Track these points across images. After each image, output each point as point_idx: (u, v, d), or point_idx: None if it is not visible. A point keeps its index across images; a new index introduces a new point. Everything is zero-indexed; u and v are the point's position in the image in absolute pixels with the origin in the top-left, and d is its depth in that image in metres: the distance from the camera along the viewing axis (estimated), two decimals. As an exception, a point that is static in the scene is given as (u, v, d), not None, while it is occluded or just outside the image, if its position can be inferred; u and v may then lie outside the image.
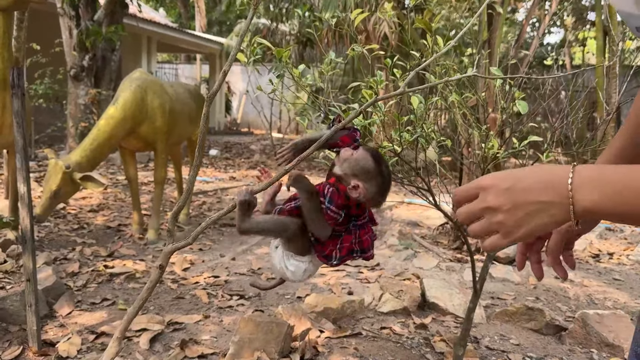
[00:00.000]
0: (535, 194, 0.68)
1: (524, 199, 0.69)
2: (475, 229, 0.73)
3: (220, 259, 3.95)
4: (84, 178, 3.41)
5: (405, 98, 1.82)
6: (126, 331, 1.26)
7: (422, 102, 1.65)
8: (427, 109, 1.64)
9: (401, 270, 3.67)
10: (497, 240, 0.72)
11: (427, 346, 2.52)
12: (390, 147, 1.59)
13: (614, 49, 5.82)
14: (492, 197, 0.70)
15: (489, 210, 0.71)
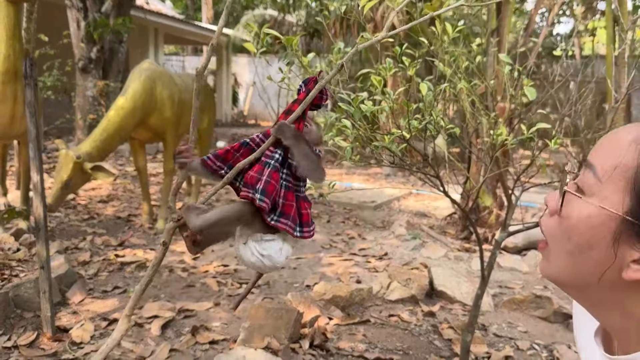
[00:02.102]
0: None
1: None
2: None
3: (229, 249, 3.98)
4: (95, 168, 3.44)
5: (414, 86, 1.82)
6: (134, 309, 1.29)
7: (430, 90, 1.66)
8: (436, 96, 1.65)
9: (409, 260, 3.69)
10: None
11: (435, 333, 2.54)
12: (399, 134, 1.60)
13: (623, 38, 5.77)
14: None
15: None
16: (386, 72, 1.65)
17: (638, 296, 0.71)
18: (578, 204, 0.73)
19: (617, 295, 0.73)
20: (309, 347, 2.32)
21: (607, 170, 0.72)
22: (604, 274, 0.71)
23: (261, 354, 2.06)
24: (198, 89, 1.22)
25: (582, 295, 0.78)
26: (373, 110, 1.54)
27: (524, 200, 4.39)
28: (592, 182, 0.73)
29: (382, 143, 1.62)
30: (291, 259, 3.77)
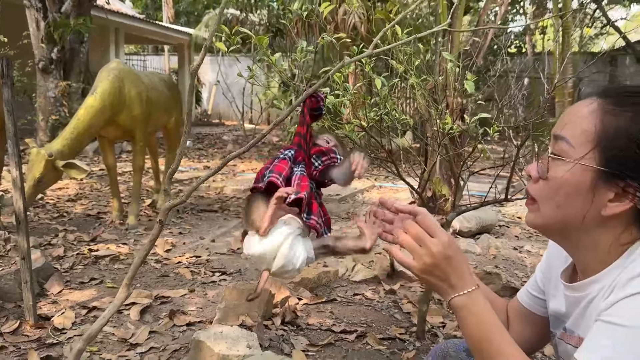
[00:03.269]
0: (450, 273, 0.97)
1: (444, 269, 0.96)
2: (409, 244, 0.99)
3: (200, 241, 4.13)
4: (67, 165, 3.54)
5: (371, 82, 2.03)
6: (132, 279, 1.45)
7: (385, 85, 1.87)
8: (390, 90, 1.87)
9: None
10: (409, 262, 0.99)
11: (396, 308, 2.77)
12: (358, 123, 1.81)
13: (567, 37, 6.17)
14: (437, 249, 0.96)
15: (429, 250, 0.96)
16: (346, 69, 1.85)
17: (608, 231, 0.96)
18: (560, 166, 0.98)
19: (593, 232, 0.97)
20: (281, 324, 2.51)
21: (576, 137, 0.97)
22: (587, 214, 0.95)
23: (237, 329, 2.24)
24: (192, 87, 1.39)
25: (565, 237, 1.02)
26: (335, 103, 1.74)
27: (475, 190, 4.68)
28: (567, 148, 0.98)
29: (343, 132, 1.82)
30: (260, 248, 3.95)
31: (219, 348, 2.09)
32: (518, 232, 4.57)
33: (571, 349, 1.06)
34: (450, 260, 0.96)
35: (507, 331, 0.97)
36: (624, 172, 0.91)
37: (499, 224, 4.71)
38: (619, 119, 0.93)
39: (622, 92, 0.97)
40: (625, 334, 0.85)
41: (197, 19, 20.53)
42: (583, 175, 0.95)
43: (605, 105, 0.95)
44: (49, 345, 2.32)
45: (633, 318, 0.85)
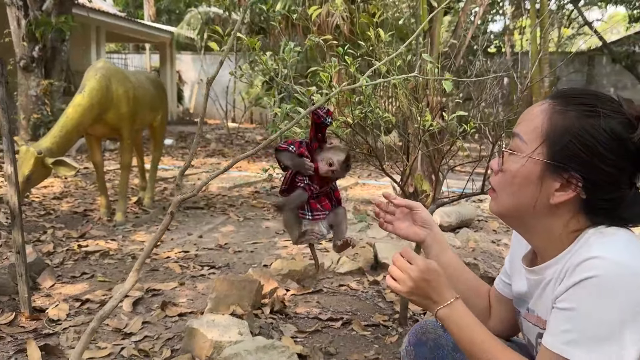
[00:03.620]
0: (430, 293, 1.13)
1: (424, 289, 1.13)
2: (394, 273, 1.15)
3: (188, 237, 4.21)
4: (57, 163, 3.59)
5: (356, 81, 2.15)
6: (142, 264, 1.55)
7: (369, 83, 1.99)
8: (374, 88, 1.98)
9: (356, 240, 4.04)
10: (397, 287, 1.15)
11: (379, 297, 2.90)
12: (344, 119, 1.93)
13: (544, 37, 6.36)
14: (415, 275, 1.13)
15: (409, 276, 1.13)
16: (332, 69, 1.97)
17: (558, 218, 1.09)
18: (514, 160, 1.12)
19: (545, 219, 1.10)
20: (270, 313, 2.62)
21: (528, 133, 1.11)
22: (536, 203, 1.09)
23: (228, 318, 2.34)
24: (207, 94, 1.48)
25: (521, 223, 1.16)
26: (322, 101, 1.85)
27: (454, 187, 4.83)
28: (520, 144, 1.13)
29: (330, 128, 1.94)
30: (248, 243, 4.05)
31: (212, 335, 2.19)
32: (496, 227, 4.74)
33: (532, 327, 1.19)
34: (429, 281, 1.12)
35: (488, 332, 1.12)
36: (568, 165, 1.04)
37: (477, 219, 4.88)
38: (565, 117, 1.05)
39: (568, 94, 1.10)
40: (578, 317, 0.98)
41: (179, 17, 20.46)
42: (533, 167, 1.08)
43: (554, 106, 1.08)
44: (45, 336, 2.40)
45: (581, 303, 0.98)
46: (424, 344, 1.37)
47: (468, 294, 1.38)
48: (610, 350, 0.96)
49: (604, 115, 1.03)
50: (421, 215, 1.40)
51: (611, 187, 1.04)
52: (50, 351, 2.22)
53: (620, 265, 0.97)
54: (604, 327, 0.96)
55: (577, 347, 0.97)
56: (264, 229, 4.51)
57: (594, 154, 1.02)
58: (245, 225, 4.66)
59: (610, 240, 1.02)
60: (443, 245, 1.40)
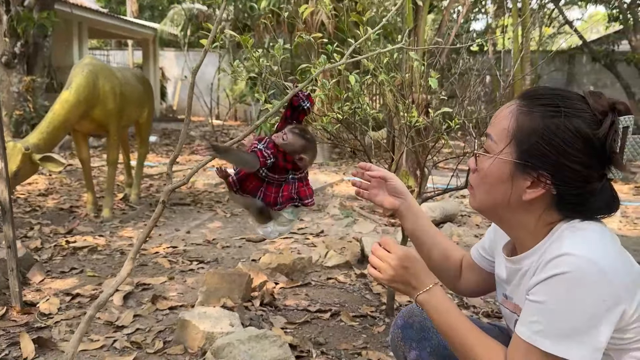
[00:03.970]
0: (409, 279, 1.19)
1: (403, 276, 1.19)
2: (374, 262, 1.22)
3: (176, 233, 4.24)
4: (44, 159, 3.60)
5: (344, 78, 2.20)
6: (137, 253, 1.59)
7: (357, 81, 2.05)
8: (362, 85, 2.04)
9: (343, 235, 4.11)
10: (378, 275, 1.21)
11: (367, 290, 2.97)
12: (334, 115, 1.98)
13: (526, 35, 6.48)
14: (395, 263, 1.19)
15: (388, 264, 1.19)
16: (322, 66, 2.02)
17: (531, 213, 1.15)
18: (486, 160, 1.19)
19: (519, 214, 1.17)
20: (260, 305, 2.67)
21: (498, 134, 1.18)
22: (510, 199, 1.15)
23: (219, 310, 2.39)
24: (193, 84, 1.52)
25: (498, 217, 1.23)
26: (316, 96, 1.91)
27: (438, 183, 4.92)
28: (491, 144, 1.19)
29: (320, 123, 2.00)
30: (236, 238, 4.09)
31: (204, 326, 2.24)
32: (479, 221, 4.84)
33: (510, 314, 1.27)
34: (407, 268, 1.18)
35: (465, 317, 1.19)
36: (536, 164, 1.09)
37: (460, 214, 4.98)
38: (530, 118, 1.10)
39: (534, 95, 1.15)
40: (548, 309, 1.04)
41: (162, 14, 20.32)
42: (503, 166, 1.14)
43: (520, 107, 1.13)
44: (37, 329, 2.42)
45: (552, 296, 1.04)
46: (411, 326, 1.44)
47: (441, 258, 1.47)
48: (577, 342, 1.01)
49: (567, 114, 1.07)
50: (394, 186, 1.47)
51: (580, 182, 1.09)
52: (43, 344, 2.25)
53: (589, 262, 1.01)
54: (571, 321, 1.02)
55: (545, 337, 1.03)
56: (251, 225, 4.55)
57: (560, 153, 1.07)
58: (232, 221, 4.70)
59: (581, 236, 1.07)
60: (417, 214, 1.47)
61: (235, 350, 1.97)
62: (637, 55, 12.70)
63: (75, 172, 6.72)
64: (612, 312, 1.01)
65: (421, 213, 1.49)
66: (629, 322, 1.05)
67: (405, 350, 1.44)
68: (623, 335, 1.06)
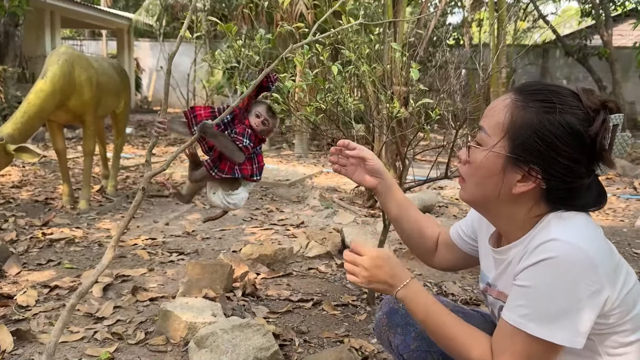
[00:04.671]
0: (385, 277, 1.21)
1: (378, 276, 1.21)
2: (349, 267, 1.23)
3: (154, 225, 4.20)
4: (19, 149, 3.52)
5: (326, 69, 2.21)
6: (118, 241, 1.58)
7: (341, 72, 2.06)
8: (344, 77, 2.06)
9: (323, 227, 4.13)
10: (355, 279, 1.23)
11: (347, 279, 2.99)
12: (318, 105, 1.99)
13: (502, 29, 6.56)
14: (368, 264, 1.20)
15: (362, 267, 1.21)
16: (303, 56, 2.03)
17: (521, 206, 1.17)
18: (479, 152, 1.20)
19: (509, 206, 1.18)
20: (242, 296, 2.67)
21: (492, 128, 1.19)
22: (500, 192, 1.17)
23: (202, 300, 2.39)
24: (169, 70, 1.52)
25: (486, 209, 1.25)
26: (297, 86, 1.92)
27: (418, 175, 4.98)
28: (484, 137, 1.20)
29: (303, 113, 2.00)
30: (216, 230, 4.08)
31: (186, 317, 2.24)
32: (456, 212, 4.91)
33: (495, 300, 1.30)
34: (381, 267, 1.20)
35: (443, 307, 1.22)
36: (528, 158, 1.11)
37: (438, 205, 5.04)
38: (525, 113, 1.12)
39: (530, 90, 1.16)
40: (534, 293, 1.06)
41: (136, 3, 19.96)
42: (495, 160, 1.15)
43: (516, 101, 1.14)
44: (15, 321, 2.39)
45: (538, 281, 1.06)
46: (396, 312, 1.46)
47: (413, 233, 1.50)
48: (562, 326, 1.04)
49: (562, 111, 1.09)
50: (372, 165, 1.47)
51: (570, 177, 1.11)
52: (22, 336, 2.22)
53: (576, 248, 1.04)
54: (556, 305, 1.04)
55: (530, 320, 1.06)
56: (230, 216, 4.54)
57: (552, 148, 1.09)
58: (211, 213, 4.67)
59: (568, 224, 1.10)
60: (393, 189, 1.49)
61: (219, 339, 1.97)
62: (609, 50, 12.98)
63: (49, 163, 6.60)
64: (596, 298, 1.04)
65: (396, 188, 1.50)
66: (611, 307, 1.08)
67: (390, 336, 1.46)
68: (606, 320, 1.09)
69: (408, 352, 1.42)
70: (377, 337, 1.55)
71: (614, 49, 13.07)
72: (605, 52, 13.00)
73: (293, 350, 2.17)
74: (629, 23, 14.13)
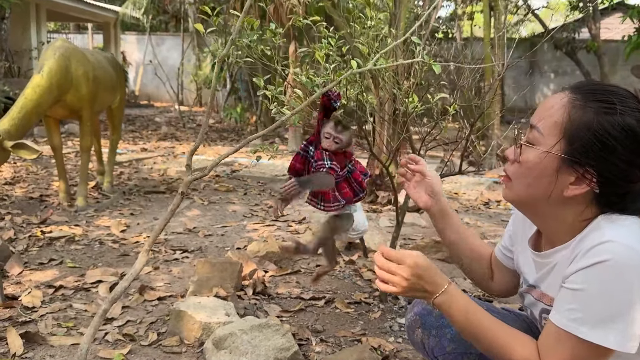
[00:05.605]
0: (425, 286, 1.15)
1: (418, 284, 1.15)
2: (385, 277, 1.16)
3: (154, 221, 4.14)
4: (17, 146, 3.43)
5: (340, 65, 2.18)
6: (153, 244, 1.53)
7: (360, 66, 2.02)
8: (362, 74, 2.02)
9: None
10: (392, 289, 1.16)
11: (357, 276, 2.97)
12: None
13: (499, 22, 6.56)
14: (407, 274, 1.13)
15: (401, 277, 1.14)
16: (321, 51, 1.99)
17: (570, 208, 1.13)
18: (532, 152, 1.15)
19: (558, 209, 1.15)
20: (253, 294, 2.64)
21: (547, 127, 1.14)
22: (551, 194, 1.13)
23: (214, 299, 2.35)
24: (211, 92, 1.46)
25: (533, 210, 1.21)
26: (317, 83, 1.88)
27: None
28: (538, 136, 1.15)
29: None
30: (217, 227, 4.03)
31: (200, 316, 2.20)
32: (456, 207, 4.91)
33: (536, 301, 1.26)
34: (421, 276, 1.14)
35: (482, 310, 1.18)
36: (584, 160, 1.08)
37: (439, 200, 5.03)
38: (584, 113, 1.08)
39: (589, 89, 1.12)
40: (588, 297, 1.03)
41: (123, -4, 19.68)
42: (550, 161, 1.11)
43: (574, 100, 1.10)
44: (22, 323, 2.32)
45: (592, 284, 1.03)
46: (430, 312, 1.44)
47: (472, 259, 1.47)
48: (614, 329, 1.01)
49: (622, 112, 1.06)
50: (431, 184, 1.45)
51: (624, 181, 1.08)
52: (31, 338, 2.16)
53: (630, 249, 1.01)
54: (610, 308, 1.01)
55: (582, 324, 1.03)
56: (231, 212, 4.50)
57: (610, 151, 1.06)
58: (210, 209, 4.62)
59: (621, 226, 1.07)
60: (449, 214, 1.46)
61: (238, 340, 1.94)
62: (597, 43, 13.07)
63: (41, 159, 6.48)
64: None
65: (452, 214, 1.47)
66: None
67: (423, 338, 1.44)
68: None
69: (444, 355, 1.40)
70: (409, 338, 1.52)
71: (602, 42, 13.17)
72: (594, 45, 13.09)
73: (311, 350, 2.14)
74: (617, 16, 14.23)
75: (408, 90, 2.16)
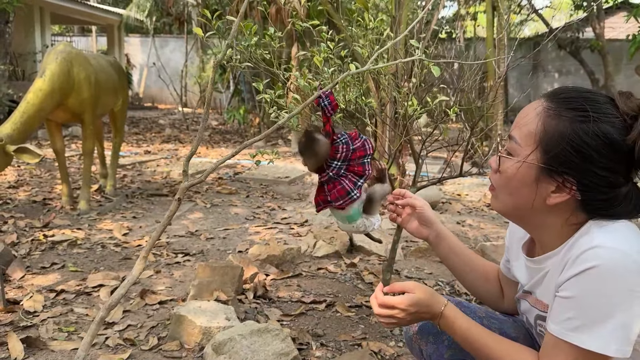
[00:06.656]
0: (425, 316, 1.21)
1: (418, 315, 1.20)
2: (385, 320, 1.21)
3: (157, 224, 4.14)
4: (19, 150, 3.45)
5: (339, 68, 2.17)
6: (150, 251, 1.53)
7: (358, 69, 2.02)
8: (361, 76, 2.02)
9: (328, 225, 4.09)
10: (396, 323, 1.21)
11: (358, 279, 2.96)
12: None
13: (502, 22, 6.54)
14: (407, 312, 1.18)
15: (402, 318, 1.19)
16: (320, 54, 1.98)
17: (556, 215, 1.13)
18: (510, 162, 1.15)
19: (544, 216, 1.14)
20: (253, 298, 2.63)
21: (523, 137, 1.13)
22: (534, 203, 1.13)
23: (214, 304, 2.35)
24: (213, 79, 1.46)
25: (520, 219, 1.21)
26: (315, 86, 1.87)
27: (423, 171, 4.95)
28: (516, 147, 1.15)
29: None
30: (219, 229, 4.03)
31: (200, 321, 2.19)
32: (459, 208, 4.89)
33: (531, 308, 1.26)
34: (418, 310, 1.19)
35: (481, 327, 1.20)
36: (562, 169, 1.07)
37: (441, 201, 5.02)
38: (559, 122, 1.07)
39: (564, 97, 1.10)
40: (583, 304, 1.02)
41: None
42: (528, 170, 1.11)
43: (548, 110, 1.09)
44: (23, 328, 2.33)
45: (585, 291, 1.02)
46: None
47: (479, 281, 1.46)
48: (614, 336, 1.00)
49: (597, 120, 1.04)
50: (424, 215, 1.44)
51: (606, 187, 1.06)
52: (32, 343, 2.16)
53: (620, 252, 1.00)
54: (605, 311, 1.00)
55: (582, 332, 1.02)
56: (233, 215, 4.50)
57: (587, 159, 1.05)
58: (213, 211, 4.63)
59: (610, 230, 1.06)
60: (448, 239, 1.45)
61: (238, 345, 1.93)
62: (601, 43, 13.02)
63: (44, 163, 6.50)
64: None
65: (452, 238, 1.46)
66: None
67: (421, 344, 1.43)
68: None
69: (441, 361, 1.39)
70: (407, 344, 1.51)
71: (606, 41, 13.12)
72: (598, 44, 13.05)
73: (311, 355, 2.14)
74: (621, 15, 14.17)
75: (408, 92, 2.15)
